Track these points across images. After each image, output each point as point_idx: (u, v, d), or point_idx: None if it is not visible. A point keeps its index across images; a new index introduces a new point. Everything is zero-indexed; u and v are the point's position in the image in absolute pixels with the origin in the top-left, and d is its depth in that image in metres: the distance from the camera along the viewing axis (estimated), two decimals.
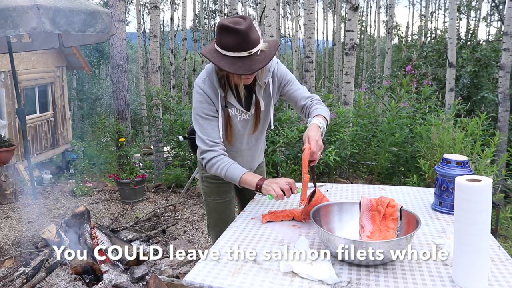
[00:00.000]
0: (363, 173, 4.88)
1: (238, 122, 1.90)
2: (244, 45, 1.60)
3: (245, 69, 1.61)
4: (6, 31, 3.72)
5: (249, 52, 1.61)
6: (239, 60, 1.61)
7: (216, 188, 2.12)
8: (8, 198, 4.92)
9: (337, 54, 21.06)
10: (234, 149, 1.97)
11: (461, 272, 1.17)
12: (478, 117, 3.88)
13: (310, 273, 1.22)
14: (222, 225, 2.07)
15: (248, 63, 1.61)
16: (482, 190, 1.13)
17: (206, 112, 1.81)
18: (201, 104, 1.82)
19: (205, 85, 1.82)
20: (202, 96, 1.81)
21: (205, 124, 1.82)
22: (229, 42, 1.60)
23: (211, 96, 1.81)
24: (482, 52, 11.28)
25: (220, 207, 2.16)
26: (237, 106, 1.85)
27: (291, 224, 1.67)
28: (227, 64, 1.62)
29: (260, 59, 1.63)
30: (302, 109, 1.96)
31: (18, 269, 3.19)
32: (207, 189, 2.15)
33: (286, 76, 1.96)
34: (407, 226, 1.39)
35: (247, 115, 1.91)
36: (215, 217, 2.18)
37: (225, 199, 2.15)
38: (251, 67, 1.61)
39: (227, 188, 2.14)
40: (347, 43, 6.52)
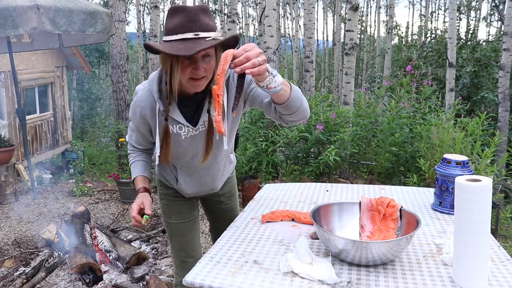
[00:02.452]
0: (363, 173, 4.87)
1: (183, 141, 1.61)
2: (190, 25, 1.36)
3: (185, 50, 1.33)
4: (6, 31, 3.72)
5: (196, 34, 1.35)
6: (181, 43, 1.36)
7: (177, 206, 1.86)
8: (8, 198, 4.92)
9: (337, 54, 21.07)
10: (188, 165, 1.71)
11: (461, 272, 1.17)
12: (478, 117, 3.88)
13: (310, 273, 1.22)
14: (188, 248, 1.86)
15: (191, 45, 1.34)
16: (482, 190, 1.13)
17: (135, 125, 1.67)
18: (133, 115, 1.62)
19: (143, 96, 1.58)
20: (135, 108, 1.60)
21: (133, 132, 1.73)
22: (174, 22, 1.37)
23: (144, 112, 1.58)
24: (482, 52, 11.28)
25: (183, 228, 1.87)
26: (181, 121, 1.57)
27: (291, 224, 1.67)
28: (167, 47, 1.36)
29: (208, 42, 1.35)
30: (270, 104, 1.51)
31: (18, 269, 3.20)
32: (167, 208, 1.88)
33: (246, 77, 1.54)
34: (407, 226, 1.39)
35: (194, 130, 1.61)
36: (178, 240, 1.87)
37: (189, 218, 1.88)
38: (193, 48, 1.32)
39: (191, 206, 1.88)
40: (347, 43, 6.53)
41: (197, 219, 1.94)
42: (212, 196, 1.95)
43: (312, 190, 2.08)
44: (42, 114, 10.46)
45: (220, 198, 1.98)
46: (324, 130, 4.54)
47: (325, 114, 4.69)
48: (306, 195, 2.01)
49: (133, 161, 1.79)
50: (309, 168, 4.52)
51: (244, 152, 4.46)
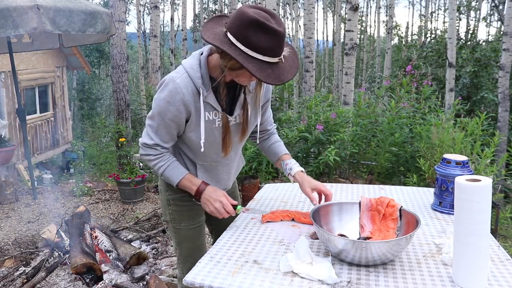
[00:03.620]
0: (363, 173, 4.88)
1: (216, 129, 1.60)
2: (279, 51, 1.36)
3: (274, 78, 1.35)
4: (6, 31, 3.72)
5: (279, 58, 1.38)
6: (268, 67, 1.35)
7: (187, 212, 1.79)
8: (8, 198, 4.92)
9: (337, 54, 21.07)
10: (209, 161, 1.68)
11: (461, 272, 1.17)
12: (478, 117, 3.88)
13: (310, 273, 1.22)
14: (197, 254, 1.74)
15: (277, 72, 1.37)
16: (482, 190, 1.13)
17: (169, 117, 1.53)
18: (168, 105, 1.51)
19: (183, 84, 1.51)
20: (173, 97, 1.50)
21: (161, 126, 1.56)
22: (263, 43, 1.32)
23: (186, 99, 1.51)
24: (482, 52, 11.29)
25: (193, 234, 1.83)
26: (217, 108, 1.57)
27: (291, 224, 1.67)
28: (255, 68, 1.34)
29: (286, 67, 1.40)
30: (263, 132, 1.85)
31: (19, 269, 3.20)
32: (176, 214, 1.80)
33: (270, 90, 1.76)
34: (407, 226, 1.40)
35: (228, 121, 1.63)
36: (188, 246, 1.83)
37: (199, 223, 1.84)
38: (280, 77, 1.37)
39: (199, 210, 1.81)
40: (347, 43, 6.53)
41: (204, 225, 1.90)
42: None
43: None
44: (42, 114, 10.47)
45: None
46: (324, 130, 4.54)
47: (325, 114, 4.70)
48: None
49: (168, 164, 1.63)
50: (309, 168, 4.52)
51: (244, 152, 4.46)
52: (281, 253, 1.39)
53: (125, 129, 5.94)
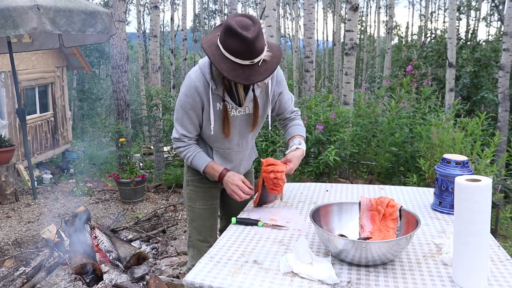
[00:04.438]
0: (363, 173, 4.87)
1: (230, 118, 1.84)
2: (248, 54, 1.55)
3: (243, 78, 1.57)
4: (6, 31, 3.72)
5: (252, 61, 1.57)
6: (239, 67, 1.57)
7: (203, 193, 2.03)
8: (8, 198, 4.92)
9: (337, 54, 21.07)
10: (223, 147, 1.91)
11: (461, 272, 1.17)
12: (478, 117, 3.88)
13: (310, 273, 1.22)
14: (206, 234, 2.03)
15: (248, 73, 1.57)
16: (481, 190, 1.13)
17: (189, 108, 1.79)
18: (186, 98, 1.78)
19: (196, 78, 1.77)
20: (189, 89, 1.77)
21: (184, 117, 1.82)
22: (233, 47, 1.55)
23: (199, 90, 1.75)
24: (482, 52, 11.29)
25: (205, 213, 2.04)
26: (228, 100, 1.79)
27: (295, 228, 1.67)
28: (226, 68, 1.57)
29: (261, 70, 1.59)
30: (285, 120, 2.04)
31: (19, 269, 3.20)
32: (193, 194, 2.04)
33: (283, 82, 1.93)
34: (407, 226, 1.40)
35: (238, 111, 1.83)
36: (199, 224, 2.04)
37: (211, 205, 2.05)
38: (250, 78, 1.57)
39: (215, 194, 2.05)
40: (347, 43, 6.53)
41: (217, 208, 2.10)
42: None
43: (312, 190, 2.08)
44: (42, 114, 10.47)
45: None
46: (324, 130, 4.54)
47: (325, 114, 4.69)
48: (306, 195, 2.01)
49: (194, 154, 1.87)
50: (309, 168, 4.52)
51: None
52: (281, 253, 1.39)
53: (125, 129, 5.95)
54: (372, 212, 1.50)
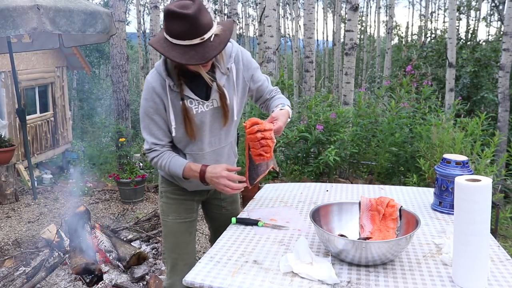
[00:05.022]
0: (363, 173, 4.87)
1: (195, 116, 1.66)
2: (195, 32, 1.42)
3: (198, 58, 1.43)
4: (6, 31, 3.72)
5: (202, 38, 1.43)
6: (191, 49, 1.43)
7: (175, 205, 1.85)
8: (8, 198, 4.92)
9: (337, 54, 21.07)
10: (195, 149, 1.72)
11: (461, 272, 1.17)
12: (478, 117, 3.88)
13: (310, 273, 1.22)
14: (180, 251, 1.83)
15: (202, 51, 1.43)
16: (481, 190, 1.13)
17: (152, 112, 1.65)
18: (146, 102, 1.64)
19: (152, 79, 1.64)
20: (147, 92, 1.64)
21: (150, 124, 1.67)
22: (178, 29, 1.42)
23: (157, 90, 1.62)
24: (482, 52, 11.29)
25: (178, 228, 1.84)
26: (191, 96, 1.64)
27: (296, 228, 1.67)
28: (178, 54, 1.44)
29: (215, 45, 1.46)
30: (265, 102, 1.85)
31: (19, 269, 3.20)
32: (165, 206, 1.87)
33: (251, 63, 1.76)
34: (407, 226, 1.40)
35: (205, 106, 1.66)
36: (171, 240, 1.85)
37: (185, 219, 1.86)
38: (205, 55, 1.43)
39: (190, 206, 1.87)
40: (347, 43, 6.53)
41: (194, 223, 1.91)
42: (214, 199, 1.95)
43: (312, 190, 2.08)
44: (43, 114, 10.46)
45: (221, 203, 1.97)
46: (324, 130, 4.54)
47: (325, 114, 4.69)
48: (306, 195, 2.01)
49: (169, 160, 1.69)
50: (309, 168, 4.52)
51: (244, 152, 4.45)
52: (281, 253, 1.39)
53: (125, 129, 5.95)
54: (372, 212, 1.50)
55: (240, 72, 1.71)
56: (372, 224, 1.48)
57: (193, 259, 1.88)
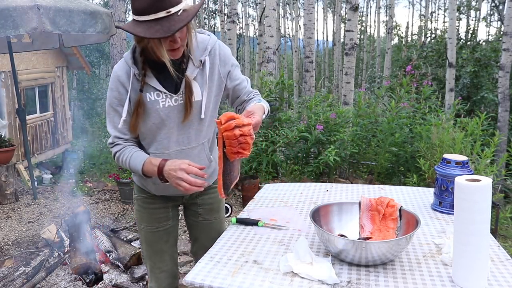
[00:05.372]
0: (363, 173, 4.88)
1: (161, 109, 1.54)
2: (159, 4, 1.35)
3: (163, 31, 1.34)
4: (6, 31, 3.72)
5: (168, 11, 1.36)
6: (156, 23, 1.36)
7: (147, 214, 1.76)
8: (8, 198, 4.92)
9: (337, 54, 21.07)
10: (160, 148, 1.59)
11: (461, 272, 1.17)
12: (478, 117, 3.88)
13: (310, 273, 1.22)
14: (155, 259, 1.78)
15: (167, 25, 1.35)
16: (481, 190, 1.13)
17: (116, 103, 1.55)
18: (111, 92, 1.56)
19: (118, 67, 1.57)
20: (112, 81, 1.56)
21: (115, 117, 1.57)
22: (141, 4, 1.36)
23: (122, 79, 1.54)
24: (482, 52, 11.29)
25: (152, 238, 1.77)
26: (158, 87, 1.53)
27: (296, 228, 1.67)
28: (143, 29, 1.37)
29: (182, 18, 1.37)
30: (242, 104, 1.69)
31: (19, 269, 3.20)
32: (138, 214, 1.80)
33: (230, 59, 1.65)
34: (407, 226, 1.40)
35: (173, 100, 1.55)
36: (146, 248, 1.80)
37: (158, 228, 1.76)
38: (171, 28, 1.35)
39: (163, 215, 1.76)
40: (347, 43, 6.53)
41: (171, 230, 1.80)
42: (191, 204, 1.82)
43: (312, 190, 2.08)
44: (42, 114, 10.46)
45: (198, 209, 1.82)
46: (324, 130, 4.54)
47: (325, 114, 4.70)
48: (306, 195, 2.01)
49: (130, 155, 1.56)
50: (309, 168, 4.53)
51: None
52: (281, 253, 1.39)
53: None
54: (372, 212, 1.50)
55: (215, 67, 1.60)
56: (372, 224, 1.48)
57: (171, 266, 1.82)
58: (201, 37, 1.60)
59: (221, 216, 1.87)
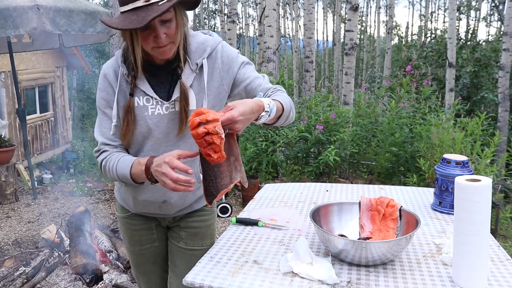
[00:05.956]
0: (363, 173, 4.88)
1: (149, 117, 1.38)
2: None
3: (137, 21, 1.18)
4: (6, 31, 3.72)
5: (146, 0, 1.20)
6: (133, 13, 1.21)
7: (129, 236, 1.61)
8: (8, 198, 4.92)
9: (337, 54, 21.08)
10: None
11: (461, 272, 1.17)
12: (478, 117, 3.89)
13: (310, 273, 1.22)
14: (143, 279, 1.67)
15: (143, 14, 1.19)
16: (481, 190, 1.13)
17: (104, 104, 1.40)
18: (100, 93, 1.42)
19: (107, 65, 1.42)
20: (100, 81, 1.42)
21: (103, 120, 1.42)
22: None
23: (110, 78, 1.39)
24: (482, 52, 11.30)
25: (137, 260, 1.64)
26: (149, 92, 1.37)
27: (296, 228, 1.67)
28: (120, 20, 1.23)
29: (162, 7, 1.20)
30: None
31: (19, 269, 3.20)
32: (122, 232, 1.66)
33: (236, 61, 1.43)
34: (407, 226, 1.39)
35: (164, 108, 1.38)
36: (133, 268, 1.70)
37: (142, 250, 1.61)
38: (146, 18, 1.17)
39: (148, 236, 1.60)
40: (347, 43, 6.53)
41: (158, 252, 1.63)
42: (174, 227, 1.62)
43: (312, 190, 2.08)
44: (43, 114, 10.47)
45: (180, 233, 1.60)
46: (324, 130, 4.55)
47: (325, 114, 4.70)
48: (306, 195, 2.01)
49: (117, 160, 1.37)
50: (309, 168, 4.53)
51: (244, 152, 4.46)
52: (281, 253, 1.39)
53: None
54: (372, 212, 1.50)
55: (215, 73, 1.41)
56: (372, 224, 1.48)
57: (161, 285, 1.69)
58: (203, 38, 1.43)
59: (205, 244, 1.60)
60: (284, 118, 1.36)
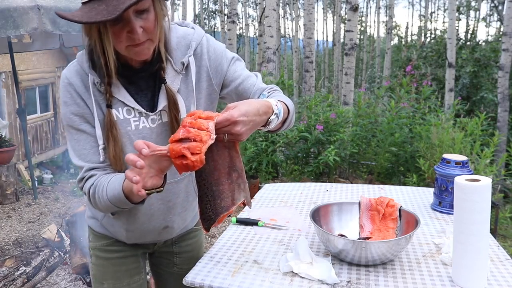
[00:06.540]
0: (363, 173, 4.88)
1: (133, 132, 1.15)
2: None
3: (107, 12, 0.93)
4: (7, 32, 3.73)
5: None
6: (101, 3, 0.96)
7: (112, 267, 1.32)
8: (9, 198, 4.93)
9: (337, 54, 21.08)
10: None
11: (461, 272, 1.17)
12: (477, 117, 3.89)
13: (310, 273, 1.23)
14: None
15: (115, 3, 0.94)
16: (481, 190, 1.13)
17: (77, 122, 1.13)
18: (67, 107, 1.13)
19: (69, 73, 1.14)
20: (65, 92, 1.13)
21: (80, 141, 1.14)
22: None
23: (77, 87, 1.12)
24: (481, 53, 11.31)
25: None
26: (129, 102, 1.13)
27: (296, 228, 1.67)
28: (83, 13, 0.97)
29: None
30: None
31: (19, 268, 3.20)
32: (97, 270, 1.35)
33: (225, 56, 1.22)
34: (407, 226, 1.40)
35: (150, 120, 1.16)
36: None
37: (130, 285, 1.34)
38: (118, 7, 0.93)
39: (135, 265, 1.35)
40: (346, 43, 6.54)
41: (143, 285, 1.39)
42: (164, 253, 1.45)
43: (312, 190, 2.09)
44: (43, 114, 10.46)
45: (173, 259, 1.45)
46: (324, 130, 4.55)
47: (325, 114, 4.71)
48: (306, 195, 2.01)
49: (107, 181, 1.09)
50: (309, 168, 4.53)
51: (244, 152, 4.47)
52: (281, 253, 1.40)
53: None
54: (372, 212, 1.50)
55: (203, 71, 1.19)
56: (372, 224, 1.48)
57: None
58: (183, 31, 1.20)
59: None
60: (288, 122, 1.19)
